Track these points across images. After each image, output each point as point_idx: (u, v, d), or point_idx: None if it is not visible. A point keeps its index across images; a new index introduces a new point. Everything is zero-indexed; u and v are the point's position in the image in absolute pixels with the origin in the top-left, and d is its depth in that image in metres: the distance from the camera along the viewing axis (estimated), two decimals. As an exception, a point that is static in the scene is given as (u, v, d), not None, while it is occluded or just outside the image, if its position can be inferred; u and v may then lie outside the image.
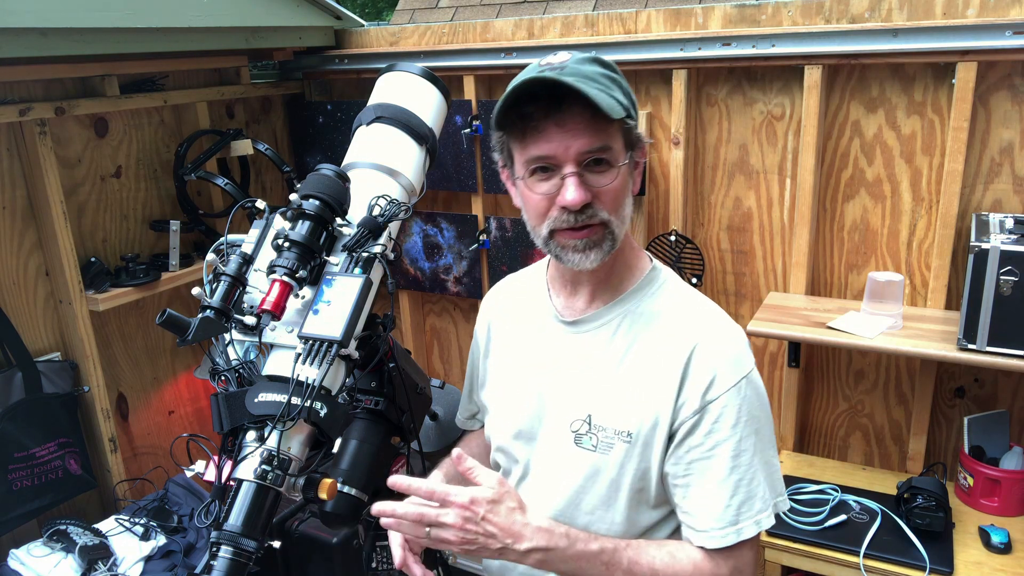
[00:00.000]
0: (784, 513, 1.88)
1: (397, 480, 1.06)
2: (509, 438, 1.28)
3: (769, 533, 1.85)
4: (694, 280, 2.23)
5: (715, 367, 1.11)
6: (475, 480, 1.06)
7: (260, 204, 1.35)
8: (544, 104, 1.06)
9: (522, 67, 2.49)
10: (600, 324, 1.20)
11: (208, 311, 1.19)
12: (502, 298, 1.40)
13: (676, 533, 1.20)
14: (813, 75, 1.95)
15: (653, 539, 1.19)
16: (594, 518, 1.18)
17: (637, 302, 1.19)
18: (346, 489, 1.37)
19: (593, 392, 1.17)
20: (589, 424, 1.16)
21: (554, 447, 1.21)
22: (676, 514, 1.18)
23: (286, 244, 1.24)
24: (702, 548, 1.13)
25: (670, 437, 1.14)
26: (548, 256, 1.28)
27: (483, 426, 1.44)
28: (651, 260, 1.25)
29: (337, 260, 1.28)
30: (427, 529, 1.04)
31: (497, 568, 1.30)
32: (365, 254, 1.28)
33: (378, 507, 1.07)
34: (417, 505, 1.05)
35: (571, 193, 1.06)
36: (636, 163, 1.16)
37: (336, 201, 1.29)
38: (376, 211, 1.32)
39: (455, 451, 1.11)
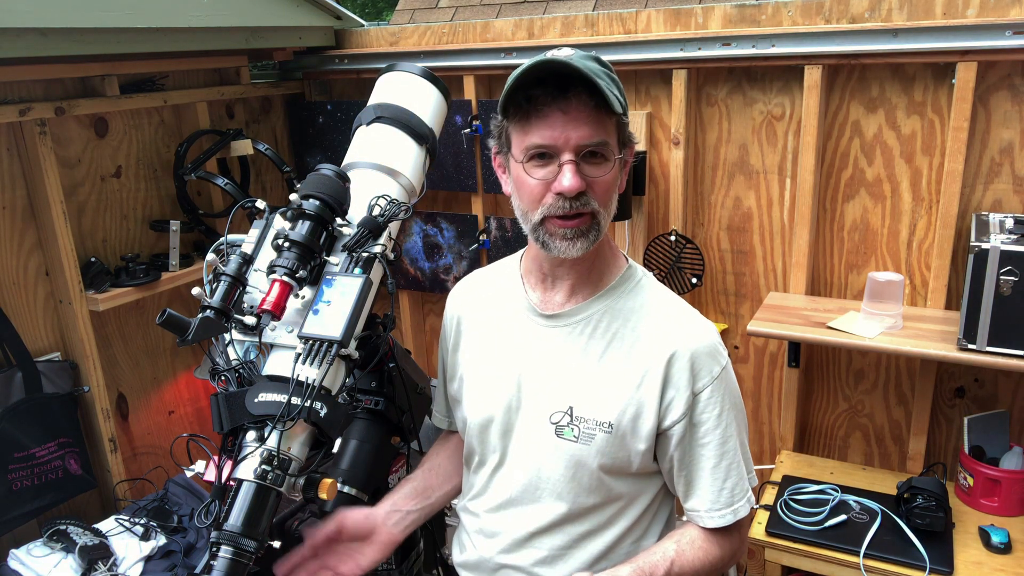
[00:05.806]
0: (784, 513, 1.90)
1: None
2: (485, 428, 1.29)
3: (769, 533, 1.85)
4: (694, 280, 2.23)
5: (697, 362, 1.17)
6: None
7: (260, 204, 1.35)
8: (551, 89, 1.08)
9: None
10: (580, 319, 1.22)
11: (208, 311, 1.19)
12: (472, 292, 1.40)
13: (652, 503, 1.26)
14: (813, 75, 1.95)
15: (631, 508, 1.24)
16: (576, 504, 1.22)
17: (616, 299, 1.23)
18: (346, 489, 1.38)
19: (573, 385, 1.21)
20: (571, 416, 1.20)
21: (533, 438, 1.23)
22: (647, 484, 1.25)
23: (286, 244, 1.24)
24: (704, 529, 1.21)
25: (659, 434, 1.19)
26: (521, 252, 1.34)
27: (450, 425, 1.48)
28: (627, 259, 1.29)
29: (337, 260, 1.28)
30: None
31: (474, 562, 1.32)
32: (365, 254, 1.28)
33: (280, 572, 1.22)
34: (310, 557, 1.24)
35: (568, 180, 1.09)
36: (625, 162, 1.19)
37: (336, 201, 1.28)
38: (376, 211, 1.32)
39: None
